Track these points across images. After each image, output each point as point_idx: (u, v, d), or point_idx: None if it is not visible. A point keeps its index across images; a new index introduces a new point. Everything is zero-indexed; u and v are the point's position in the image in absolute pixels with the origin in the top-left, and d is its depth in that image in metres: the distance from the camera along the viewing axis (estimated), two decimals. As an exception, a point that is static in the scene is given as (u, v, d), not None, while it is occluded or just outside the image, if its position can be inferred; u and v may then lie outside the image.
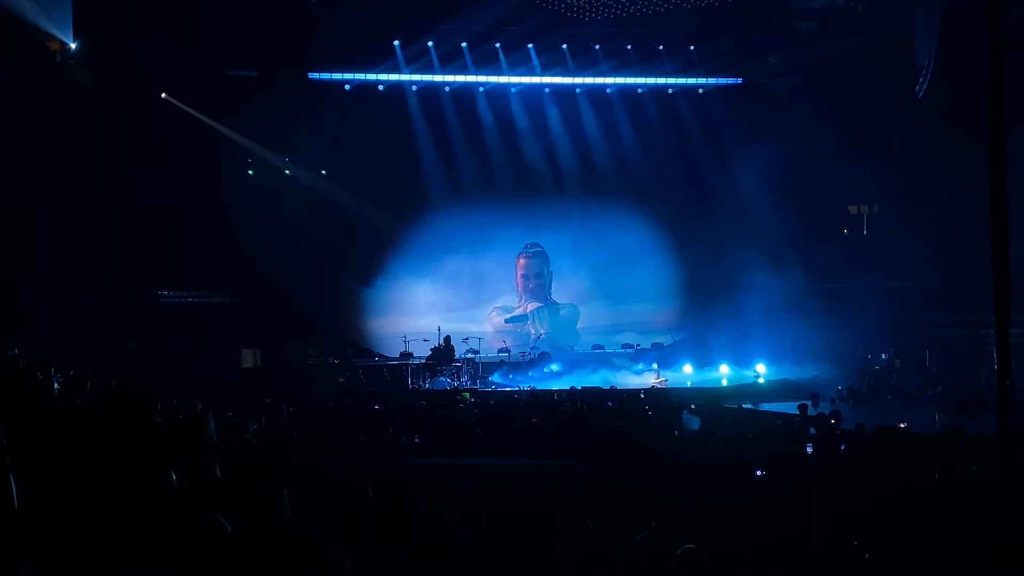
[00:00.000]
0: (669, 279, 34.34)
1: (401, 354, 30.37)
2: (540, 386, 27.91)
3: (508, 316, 35.17)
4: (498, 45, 32.91)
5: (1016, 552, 8.37)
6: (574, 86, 34.19)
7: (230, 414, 14.52)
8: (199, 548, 5.15)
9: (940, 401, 26.20)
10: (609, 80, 34.21)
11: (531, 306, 35.21)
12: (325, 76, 32.33)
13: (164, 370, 26.45)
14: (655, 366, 31.16)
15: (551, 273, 35.47)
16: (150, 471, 6.20)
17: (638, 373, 31.16)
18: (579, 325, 35.11)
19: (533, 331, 34.54)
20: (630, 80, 34.31)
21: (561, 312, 35.28)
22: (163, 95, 30.37)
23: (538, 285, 35.39)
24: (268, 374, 27.84)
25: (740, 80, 34.69)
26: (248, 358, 30.88)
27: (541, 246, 35.32)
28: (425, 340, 30.18)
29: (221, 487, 7.10)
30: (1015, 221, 10.49)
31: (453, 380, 29.22)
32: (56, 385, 11.09)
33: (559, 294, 35.45)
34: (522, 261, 35.51)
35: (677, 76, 34.49)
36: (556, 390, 25.21)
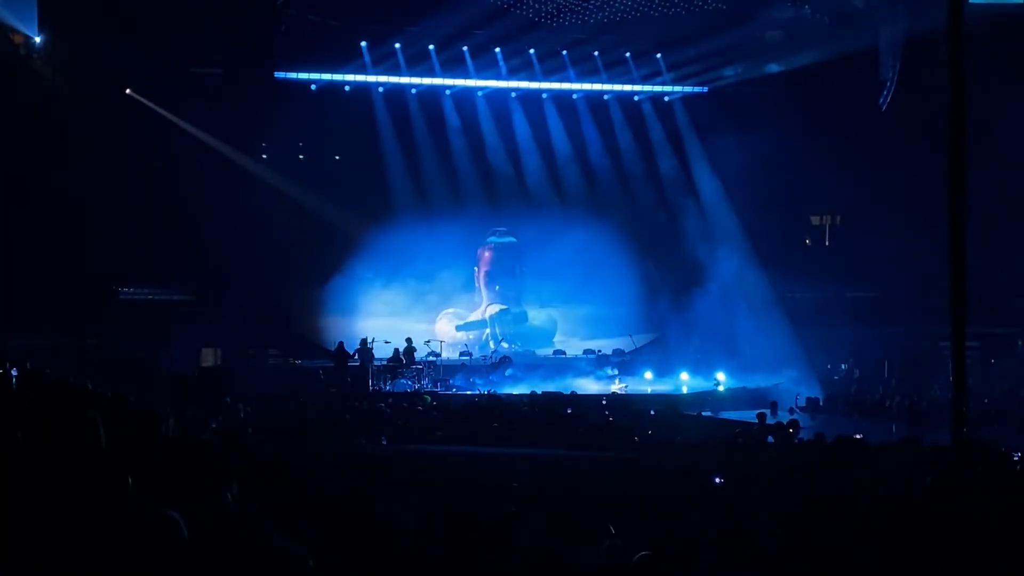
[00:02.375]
0: (631, 285, 34.33)
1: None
2: (501, 390, 27.89)
3: (461, 323, 34.00)
4: (465, 49, 32.88)
5: (969, 561, 8.45)
6: (541, 91, 34.22)
7: (189, 412, 14.50)
8: (155, 546, 5.13)
9: (898, 412, 26.41)
10: (576, 86, 34.26)
11: (491, 309, 34.65)
12: (291, 76, 32.18)
13: (123, 367, 26.29)
14: (616, 372, 31.20)
15: (523, 273, 34.99)
16: (104, 468, 6.17)
17: (599, 379, 31.18)
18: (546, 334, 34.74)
19: (492, 343, 33.53)
20: (596, 87, 34.38)
21: (533, 322, 34.71)
22: (127, 91, 30.20)
23: (508, 286, 34.67)
24: (228, 373, 27.72)
25: (705, 89, 34.80)
26: (208, 357, 30.74)
27: (513, 235, 34.39)
28: (387, 342, 30.15)
29: (175, 483, 7.07)
30: (973, 234, 10.61)
31: (414, 383, 29.17)
32: (14, 381, 11.04)
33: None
34: (488, 254, 34.77)
35: (643, 83, 34.59)
36: (517, 394, 25.24)
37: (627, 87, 34.63)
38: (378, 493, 7.76)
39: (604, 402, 24.80)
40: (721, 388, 29.94)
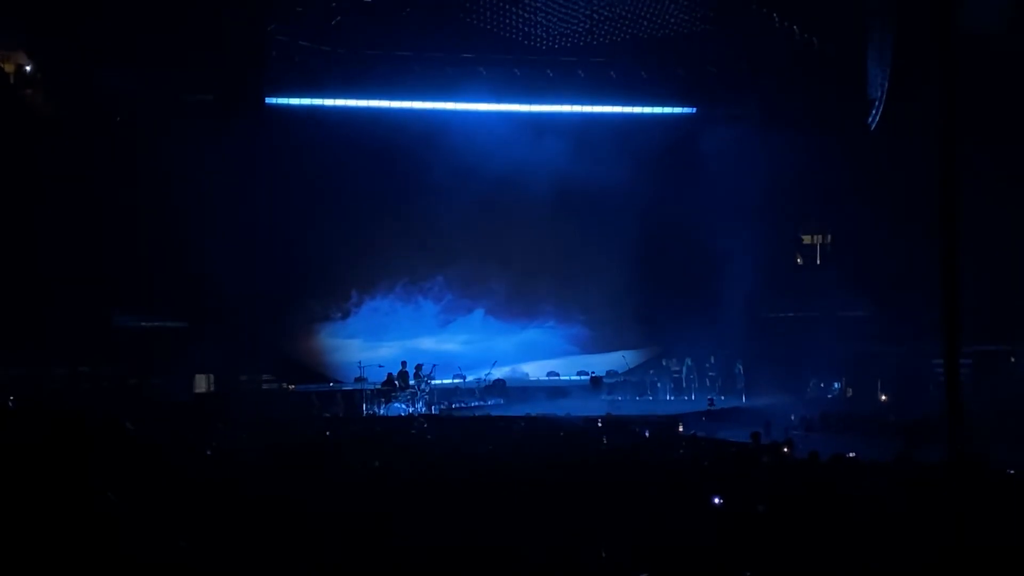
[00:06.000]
0: (623, 304, 34.35)
1: (356, 379, 30.28)
2: (495, 413, 27.89)
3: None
4: (453, 72, 33.00)
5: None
6: (527, 113, 34.29)
7: (184, 439, 14.50)
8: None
9: (892, 430, 26.40)
10: (564, 108, 34.37)
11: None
12: (281, 101, 32.27)
13: (116, 395, 26.27)
14: (620, 399, 31.14)
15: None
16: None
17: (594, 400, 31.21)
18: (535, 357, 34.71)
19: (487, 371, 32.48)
20: (584, 108, 34.49)
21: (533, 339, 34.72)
22: (118, 119, 30.21)
23: None
24: (222, 399, 27.73)
25: (694, 109, 34.91)
26: (201, 383, 30.71)
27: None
28: (380, 366, 30.10)
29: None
30: (965, 252, 10.67)
31: (408, 406, 29.15)
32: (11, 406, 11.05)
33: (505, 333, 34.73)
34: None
35: (631, 104, 34.69)
36: (511, 417, 25.24)
37: (615, 108, 34.73)
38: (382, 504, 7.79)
39: (600, 424, 24.78)
40: (715, 407, 29.98)
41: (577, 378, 33.11)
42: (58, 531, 5.67)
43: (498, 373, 32.56)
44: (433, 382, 30.49)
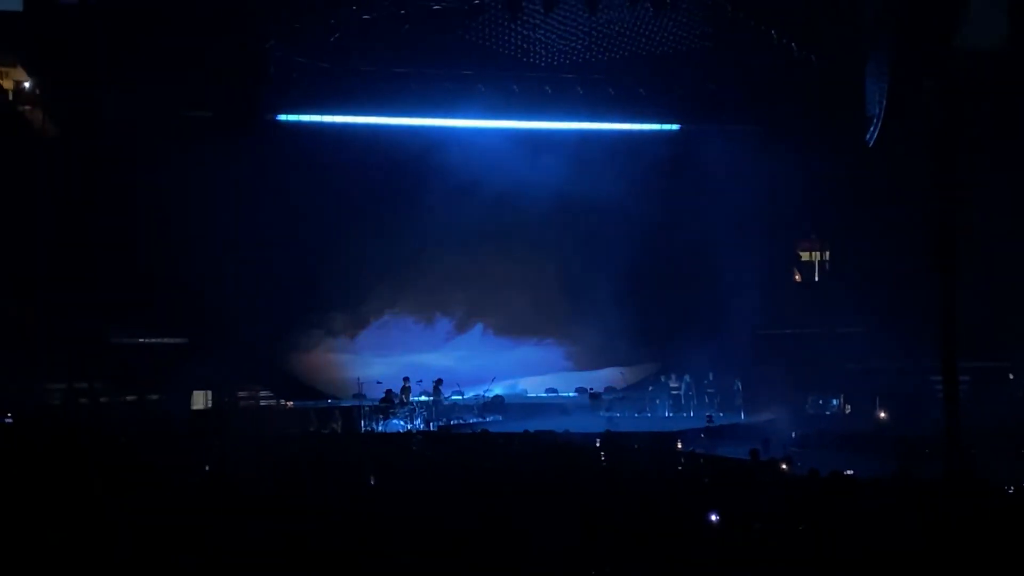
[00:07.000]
0: (621, 322, 34.30)
1: (353, 396, 30.25)
2: (494, 429, 27.83)
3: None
4: (452, 88, 33.06)
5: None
6: (526, 130, 34.33)
7: (182, 455, 14.47)
8: None
9: (890, 447, 26.38)
10: (562, 125, 34.42)
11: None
12: (280, 117, 32.32)
13: (113, 412, 26.24)
14: (618, 415, 31.12)
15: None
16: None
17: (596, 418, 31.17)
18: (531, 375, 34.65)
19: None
20: (583, 125, 34.54)
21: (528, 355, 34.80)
22: (119, 134, 30.21)
23: None
24: (220, 416, 27.70)
25: (692, 126, 34.91)
26: (199, 400, 30.67)
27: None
28: (379, 382, 30.07)
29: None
30: (962, 270, 10.66)
31: (407, 423, 29.11)
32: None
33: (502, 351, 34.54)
34: None
35: (629, 121, 34.73)
36: (510, 434, 25.19)
37: (613, 125, 34.79)
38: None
39: (598, 443, 24.74)
40: (713, 424, 29.93)
41: (575, 395, 33.02)
42: (54, 547, 5.66)
43: (497, 390, 32.50)
44: (452, 398, 30.52)
